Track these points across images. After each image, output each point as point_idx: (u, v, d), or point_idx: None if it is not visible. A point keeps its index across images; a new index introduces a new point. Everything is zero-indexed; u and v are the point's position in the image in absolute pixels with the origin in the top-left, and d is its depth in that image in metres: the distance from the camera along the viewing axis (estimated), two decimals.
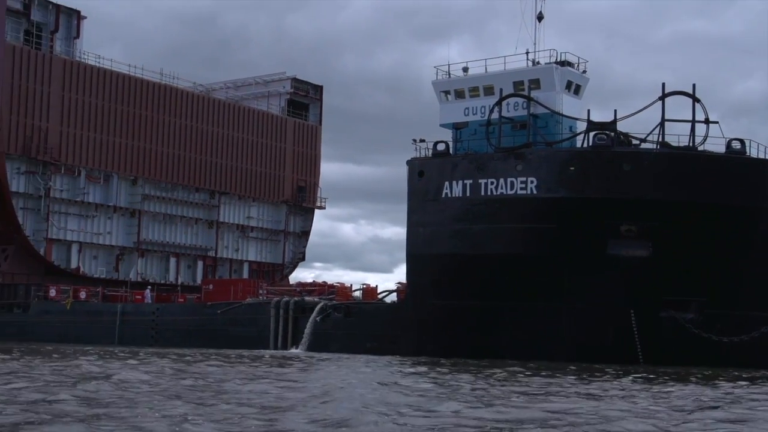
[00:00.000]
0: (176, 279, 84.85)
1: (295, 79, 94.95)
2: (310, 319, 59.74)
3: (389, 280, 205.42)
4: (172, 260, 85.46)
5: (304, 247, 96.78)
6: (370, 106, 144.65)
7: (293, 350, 59.15)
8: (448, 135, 58.90)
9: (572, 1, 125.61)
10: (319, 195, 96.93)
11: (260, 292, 69.88)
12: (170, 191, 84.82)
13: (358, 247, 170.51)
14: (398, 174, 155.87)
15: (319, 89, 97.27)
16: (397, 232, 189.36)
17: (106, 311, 69.95)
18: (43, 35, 76.06)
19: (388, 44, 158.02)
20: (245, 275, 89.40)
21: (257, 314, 62.86)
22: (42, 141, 74.45)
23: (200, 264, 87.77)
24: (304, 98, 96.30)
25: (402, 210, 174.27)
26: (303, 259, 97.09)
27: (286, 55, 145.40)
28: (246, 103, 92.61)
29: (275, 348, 60.73)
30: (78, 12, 78.16)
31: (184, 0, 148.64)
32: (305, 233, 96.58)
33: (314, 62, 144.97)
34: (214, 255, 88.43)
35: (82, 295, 73.22)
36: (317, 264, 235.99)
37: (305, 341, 59.43)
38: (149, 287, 74.25)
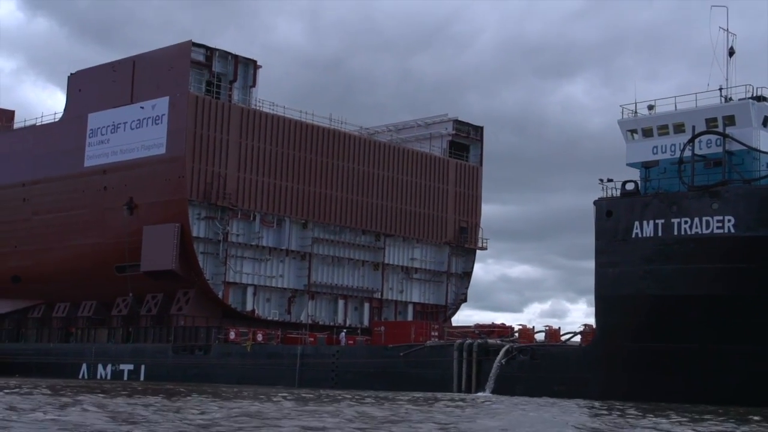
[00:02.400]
0: (344, 321, 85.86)
1: (456, 121, 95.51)
2: (496, 362, 59.27)
3: (519, 320, 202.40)
4: (341, 302, 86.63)
5: (466, 288, 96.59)
6: (495, 144, 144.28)
7: (479, 393, 58.74)
8: (635, 174, 57.89)
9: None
10: (480, 236, 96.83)
11: (432, 334, 69.83)
12: (338, 234, 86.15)
13: (487, 286, 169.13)
14: (525, 212, 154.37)
15: (479, 130, 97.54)
16: (525, 270, 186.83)
17: (287, 353, 70.98)
18: (222, 85, 78.94)
19: (513, 82, 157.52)
20: (410, 317, 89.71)
21: (440, 357, 62.74)
22: (221, 187, 76.94)
23: (366, 306, 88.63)
24: (465, 139, 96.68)
25: (530, 248, 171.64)
26: (465, 300, 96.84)
27: (411, 97, 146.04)
28: (409, 146, 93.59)
29: (459, 391, 60.40)
30: (254, 62, 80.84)
31: (312, 46, 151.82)
32: (467, 274, 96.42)
33: (440, 102, 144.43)
34: (379, 297, 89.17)
35: (260, 337, 74.74)
36: None
37: (490, 384, 58.98)
38: (344, 330, 75.12)
